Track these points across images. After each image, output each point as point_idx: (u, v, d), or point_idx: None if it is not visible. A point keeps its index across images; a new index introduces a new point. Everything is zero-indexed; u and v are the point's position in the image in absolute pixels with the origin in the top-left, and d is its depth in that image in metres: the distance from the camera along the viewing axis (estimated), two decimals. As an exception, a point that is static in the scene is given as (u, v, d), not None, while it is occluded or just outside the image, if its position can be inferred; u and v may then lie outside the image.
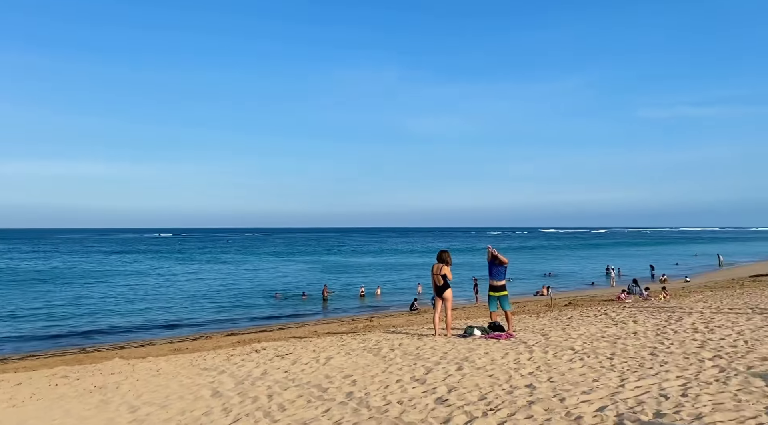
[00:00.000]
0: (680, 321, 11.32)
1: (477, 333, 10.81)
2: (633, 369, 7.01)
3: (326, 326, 19.32)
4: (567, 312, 16.76)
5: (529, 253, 76.35)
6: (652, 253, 71.13)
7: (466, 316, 18.39)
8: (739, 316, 11.69)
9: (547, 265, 51.07)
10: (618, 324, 11.48)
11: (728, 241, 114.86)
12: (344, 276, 43.33)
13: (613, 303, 21.03)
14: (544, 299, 25.33)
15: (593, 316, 13.73)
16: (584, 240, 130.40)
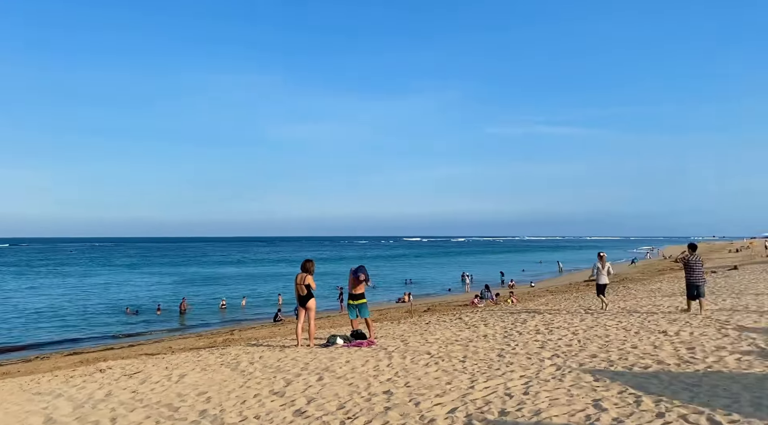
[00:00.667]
0: (525, 324, 12.26)
1: (339, 341, 10.86)
2: (482, 371, 7.45)
3: (183, 341, 18.29)
4: (426, 317, 17.44)
5: (393, 262, 78.55)
6: (503, 260, 76.58)
7: (330, 325, 18.40)
8: (574, 317, 12.92)
9: (410, 273, 52.81)
10: (471, 328, 12.16)
11: (567, 249, 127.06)
12: (205, 288, 41.42)
13: (468, 307, 22.30)
14: (405, 306, 26.14)
15: (449, 321, 14.41)
16: (444, 249, 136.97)
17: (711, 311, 12.52)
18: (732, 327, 10.10)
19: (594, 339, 9.56)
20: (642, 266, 52.32)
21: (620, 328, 10.70)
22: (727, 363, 7.18)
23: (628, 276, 38.26)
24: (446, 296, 33.28)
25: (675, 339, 9.18)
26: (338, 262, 70.63)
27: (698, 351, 8.01)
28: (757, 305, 13.35)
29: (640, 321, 11.63)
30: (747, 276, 25.32)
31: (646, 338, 9.39)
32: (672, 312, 12.76)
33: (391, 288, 38.74)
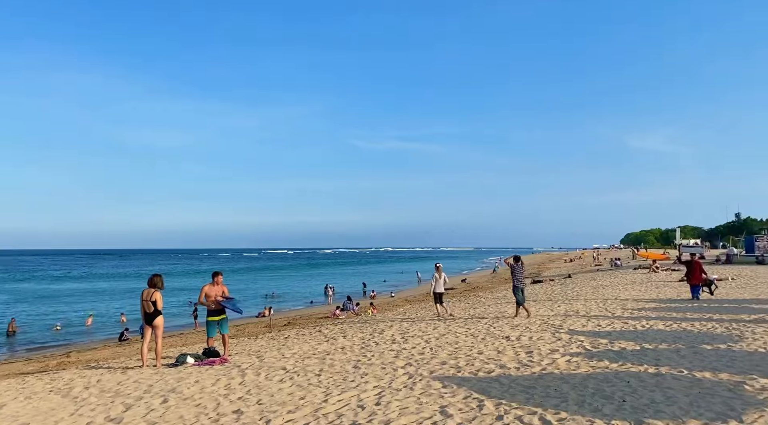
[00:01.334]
0: (383, 334, 12.49)
1: (190, 360, 10.26)
2: (337, 384, 7.42)
3: (7, 367, 16.18)
4: (285, 331, 17.13)
5: (255, 274, 76.49)
6: (366, 272, 77.92)
7: (183, 343, 17.40)
8: (428, 326, 13.42)
9: (272, 286, 51.74)
10: (329, 341, 12.14)
11: (426, 260, 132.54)
12: (40, 306, 37.15)
13: (329, 319, 22.30)
14: (264, 320, 25.48)
15: (308, 334, 14.28)
16: (309, 261, 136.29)
17: (548, 316, 13.68)
18: (564, 331, 11.10)
19: (445, 347, 9.98)
20: (491, 275, 56.07)
21: (469, 335, 11.29)
22: (558, 365, 7.84)
23: (479, 284, 40.76)
24: (308, 309, 33.03)
25: (516, 344, 9.87)
26: (193, 276, 67.29)
27: (535, 355, 8.68)
28: (585, 310, 14.84)
29: (486, 327, 12.38)
30: (578, 283, 28.11)
31: (491, 344, 10.00)
32: (515, 318, 13.75)
33: (250, 301, 37.63)
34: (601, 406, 5.56)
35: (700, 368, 7.23)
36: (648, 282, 25.80)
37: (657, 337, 9.92)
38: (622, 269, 40.80)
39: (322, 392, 6.98)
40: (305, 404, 6.40)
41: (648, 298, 17.81)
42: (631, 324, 11.77)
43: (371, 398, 6.48)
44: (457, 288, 38.70)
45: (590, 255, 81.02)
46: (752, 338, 9.47)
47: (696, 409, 5.34)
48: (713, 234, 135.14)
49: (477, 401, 6.01)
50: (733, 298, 16.73)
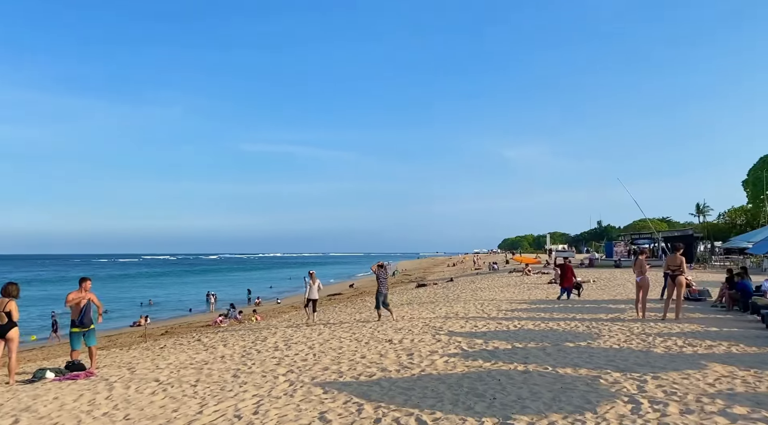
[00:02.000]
0: (265, 341, 12.22)
1: (50, 375, 9.39)
2: (214, 394, 7.13)
3: None
4: (162, 341, 16.24)
5: (130, 281, 71.87)
6: (252, 277, 75.99)
7: (43, 357, 15.93)
8: (313, 332, 13.33)
9: (150, 293, 48.86)
10: (208, 350, 11.66)
11: (315, 265, 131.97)
12: None
13: (210, 328, 21.46)
14: (140, 330, 24.00)
15: (187, 343, 13.63)
16: (191, 267, 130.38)
17: (429, 318, 14.13)
18: (444, 332, 11.50)
19: (328, 352, 9.95)
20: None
21: (353, 339, 11.36)
22: (437, 366, 8.11)
23: (367, 289, 41.24)
24: (189, 317, 31.57)
25: (398, 346, 10.08)
26: (60, 284, 61.91)
27: (416, 357, 8.91)
28: (465, 312, 15.51)
29: (371, 331, 12.53)
30: (459, 286, 29.35)
31: (374, 347, 10.13)
32: (399, 321, 14.05)
33: (124, 310, 35.28)
34: (473, 404, 5.81)
35: (563, 364, 7.80)
36: (521, 284, 27.51)
37: (527, 336, 10.58)
38: (498, 272, 43.18)
39: (197, 403, 6.67)
40: (178, 416, 6.08)
41: (520, 300, 18.97)
42: (504, 324, 12.46)
43: (249, 407, 6.30)
44: (344, 293, 38.91)
45: (471, 260, 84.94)
46: (608, 335, 10.40)
47: (558, 403, 5.74)
48: (578, 239, 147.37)
49: (357, 405, 6.04)
50: (593, 299, 18.28)
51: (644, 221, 60.43)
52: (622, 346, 9.21)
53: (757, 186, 48.13)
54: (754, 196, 49.80)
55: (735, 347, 8.86)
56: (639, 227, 79.10)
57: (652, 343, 9.41)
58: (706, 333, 10.46)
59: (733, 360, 7.81)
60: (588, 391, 6.20)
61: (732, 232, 53.59)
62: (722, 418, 5.02)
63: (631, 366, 7.56)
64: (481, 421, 5.20)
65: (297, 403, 6.32)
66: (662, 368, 7.36)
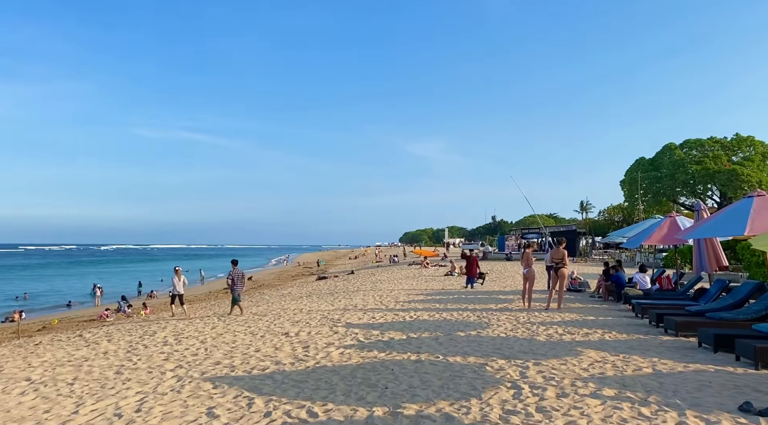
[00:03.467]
0: (154, 336, 11.64)
1: None
2: (93, 392, 6.69)
3: None
4: (38, 337, 14.99)
5: (4, 273, 65.74)
6: (145, 269, 72.09)
7: None
8: (206, 326, 12.88)
9: (25, 286, 44.92)
10: (90, 345, 10.92)
11: (208, 257, 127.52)
12: None
13: (94, 322, 20.12)
14: (13, 326, 22.00)
15: (66, 339, 12.68)
16: (75, 258, 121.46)
17: (328, 311, 14.12)
18: (342, 324, 11.55)
19: (221, 346, 9.66)
20: (279, 272, 56.13)
21: (248, 333, 11.10)
22: (332, 357, 8.12)
23: (265, 282, 40.49)
24: (70, 311, 29.37)
25: (295, 339, 9.98)
26: None
27: (311, 349, 8.87)
28: (363, 304, 15.66)
29: (267, 324, 12.31)
30: (360, 279, 29.60)
31: (270, 341, 9.96)
32: (297, 314, 13.92)
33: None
34: (365, 394, 5.88)
35: (453, 353, 8.09)
36: (419, 276, 28.21)
37: (421, 327, 10.87)
38: (398, 265, 44.02)
39: (73, 403, 6.22)
40: (50, 418, 5.64)
41: (418, 291, 19.46)
42: (401, 315, 12.72)
43: (131, 405, 5.97)
44: (242, 286, 37.88)
45: (373, 253, 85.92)
46: (497, 325, 10.92)
47: (446, 391, 5.94)
48: (475, 233, 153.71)
49: (247, 399, 5.91)
50: (485, 290, 19.13)
51: (533, 217, 64.00)
52: (508, 335, 9.70)
53: (632, 185, 52.37)
54: (630, 194, 54.15)
55: (608, 334, 9.62)
56: (529, 222, 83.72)
57: (536, 332, 10.00)
58: (584, 321, 11.27)
59: (605, 346, 8.48)
60: (475, 378, 6.47)
61: (610, 228, 58.14)
62: (593, 400, 5.44)
63: (516, 353, 7.99)
64: (372, 410, 5.27)
65: (184, 399, 6.07)
66: (543, 355, 7.85)
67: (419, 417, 5.05)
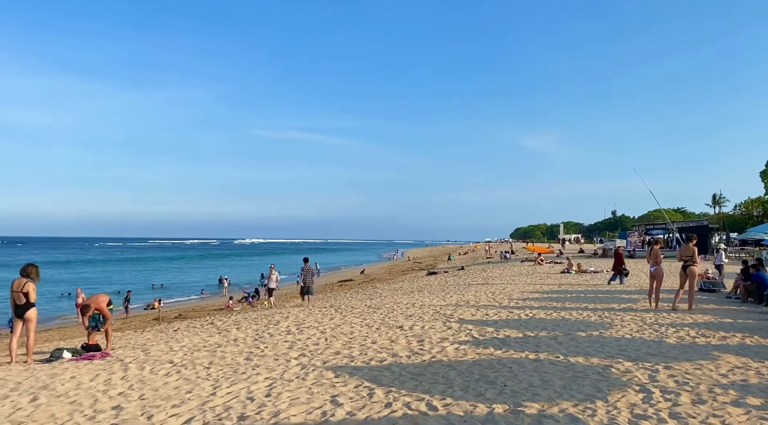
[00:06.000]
0: (278, 325, 12.32)
1: (67, 355, 9.55)
2: (227, 376, 7.23)
3: None
4: (176, 324, 16.42)
5: (143, 265, 72.65)
6: (267, 262, 76.47)
7: (60, 338, 16.16)
8: (324, 316, 13.42)
9: (162, 277, 49.39)
10: (222, 333, 11.78)
11: (324, 251, 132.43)
12: None
13: (222, 311, 21.67)
14: (153, 312, 24.31)
15: (200, 327, 13.78)
16: (204, 252, 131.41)
17: (440, 306, 14.16)
18: (455, 320, 11.53)
19: (340, 337, 10.03)
20: (389, 267, 57.07)
21: (364, 325, 11.42)
22: (447, 352, 8.14)
23: (377, 276, 41.39)
24: (201, 301, 31.89)
25: (409, 333, 10.12)
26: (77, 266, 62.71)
27: (426, 343, 8.95)
28: (475, 300, 15.52)
29: (381, 317, 12.58)
30: (470, 275, 29.34)
31: (385, 333, 10.18)
32: (409, 308, 14.10)
33: (137, 293, 35.74)
34: (484, 391, 5.84)
35: (574, 353, 7.79)
36: (533, 274, 27.43)
37: (538, 325, 10.57)
38: (510, 261, 43.08)
39: (211, 385, 6.76)
40: (192, 398, 6.17)
41: (532, 289, 18.93)
42: (515, 313, 12.46)
43: (262, 389, 6.38)
44: (355, 280, 39.07)
45: (482, 249, 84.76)
46: (621, 325, 10.37)
47: (568, 391, 5.75)
48: (592, 229, 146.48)
49: (368, 389, 6.09)
50: (607, 289, 18.20)
51: (659, 211, 59.88)
52: (634, 336, 9.18)
53: (775, 177, 47.40)
54: (772, 186, 49.04)
55: (749, 339, 8.80)
56: (654, 217, 78.44)
57: (665, 333, 9.37)
58: (720, 324, 10.39)
59: (746, 351, 7.76)
60: (599, 380, 6.20)
61: (748, 224, 52.97)
62: (735, 408, 5.01)
63: (643, 355, 7.54)
64: (492, 407, 5.23)
65: (309, 386, 6.38)
66: (674, 358, 7.34)
67: (541, 416, 4.93)
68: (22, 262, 10.27)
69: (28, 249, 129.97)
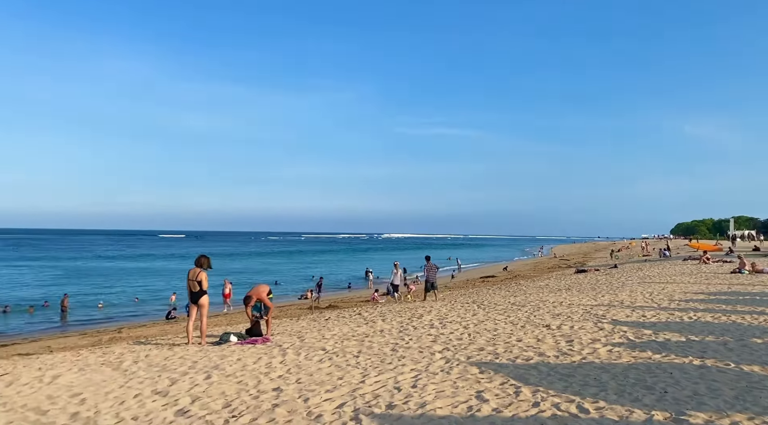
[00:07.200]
0: (421, 319, 12.53)
1: (233, 339, 10.55)
2: (375, 365, 7.51)
3: (63, 340, 17.01)
4: (326, 313, 17.39)
5: (295, 258, 77.70)
6: (411, 257, 78.00)
7: (227, 323, 17.86)
8: (467, 312, 13.39)
9: (313, 269, 52.48)
10: (368, 324, 12.26)
11: (466, 247, 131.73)
12: (88, 283, 38.74)
13: (369, 303, 22.50)
14: (307, 302, 25.92)
15: (348, 317, 14.45)
16: (347, 245, 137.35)
17: (591, 306, 13.44)
18: (607, 321, 10.89)
19: (483, 333, 9.95)
20: (533, 264, 55.29)
21: (508, 323, 11.21)
22: (599, 354, 7.72)
23: (521, 273, 40.31)
24: (349, 292, 33.38)
25: (557, 332, 9.75)
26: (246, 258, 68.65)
27: (576, 344, 8.56)
28: (630, 300, 14.50)
29: (527, 315, 12.25)
30: (625, 273, 27.45)
31: (531, 332, 9.91)
32: (557, 307, 13.57)
33: (292, 283, 38.34)
34: (641, 396, 5.46)
35: (748, 361, 6.99)
36: (698, 273, 24.95)
37: (704, 329, 9.62)
38: (671, 260, 39.59)
39: (360, 373, 7.08)
40: (343, 384, 6.51)
41: (696, 290, 17.24)
42: (677, 315, 11.45)
43: (408, 380, 6.54)
44: (498, 276, 38.41)
45: (638, 246, 78.73)
46: (807, 333, 9.09)
47: (742, 403, 5.18)
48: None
49: (514, 387, 5.99)
50: (789, 292, 16.03)
51: None
52: (825, 347, 8.00)
53: None
54: None
55: None
56: None
57: None
58: None
59: None
60: (781, 393, 5.50)
61: None
62: None
63: (838, 369, 6.56)
64: (651, 414, 4.87)
65: (454, 380, 6.42)
66: None
67: (709, 429, 4.50)
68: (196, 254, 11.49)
69: (203, 242, 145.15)
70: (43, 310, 25.80)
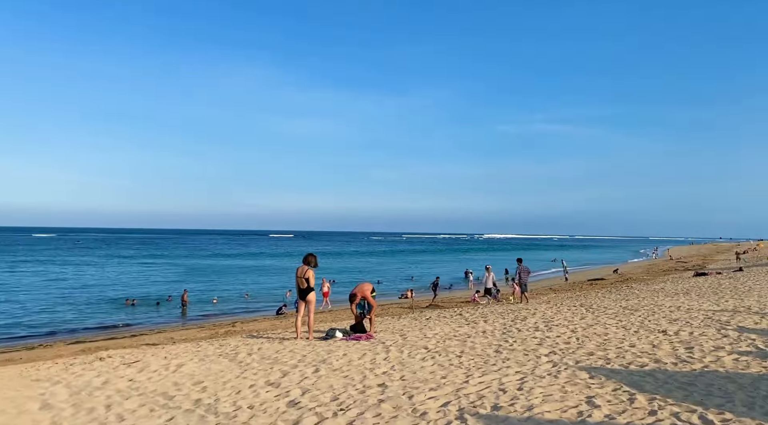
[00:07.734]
0: (525, 321, 12.23)
1: (339, 335, 10.89)
2: (478, 366, 7.44)
3: (184, 332, 18.39)
4: (427, 313, 17.45)
5: (396, 257, 78.54)
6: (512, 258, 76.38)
7: (332, 319, 18.44)
8: (575, 316, 12.88)
9: (414, 270, 52.80)
10: (470, 324, 12.15)
11: (575, 248, 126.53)
12: (205, 280, 41.49)
13: (469, 304, 22.30)
14: (407, 301, 26.14)
15: (449, 317, 14.40)
16: (447, 245, 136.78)
17: (713, 311, 12.46)
18: (732, 327, 10.04)
19: (592, 338, 9.53)
20: (647, 266, 52.08)
21: (620, 327, 10.66)
22: (724, 363, 7.14)
23: (633, 275, 38.15)
24: (449, 293, 33.24)
25: (674, 338, 9.14)
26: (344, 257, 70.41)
27: (696, 351, 7.98)
28: (759, 306, 13.27)
29: (640, 320, 11.59)
30: (752, 277, 25.16)
31: (645, 337, 9.36)
32: (673, 311, 12.71)
33: (392, 283, 38.81)
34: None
35: None
36: (841, 279, 22.34)
37: None
38: (807, 263, 35.72)
39: (463, 373, 7.04)
40: (446, 383, 6.51)
41: (840, 297, 15.44)
42: (817, 324, 10.32)
43: (513, 383, 6.42)
44: (607, 279, 36.63)
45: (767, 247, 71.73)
46: None
47: None
48: None
49: (628, 394, 5.69)
50: None
51: None
52: None
53: None
54: None
55: None
56: None
57: None
58: None
59: None
60: None
61: None
62: None
63: None
64: (787, 431, 4.44)
65: (561, 384, 6.22)
66: None
67: None
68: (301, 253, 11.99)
69: (310, 241, 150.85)
70: (166, 304, 28.01)
